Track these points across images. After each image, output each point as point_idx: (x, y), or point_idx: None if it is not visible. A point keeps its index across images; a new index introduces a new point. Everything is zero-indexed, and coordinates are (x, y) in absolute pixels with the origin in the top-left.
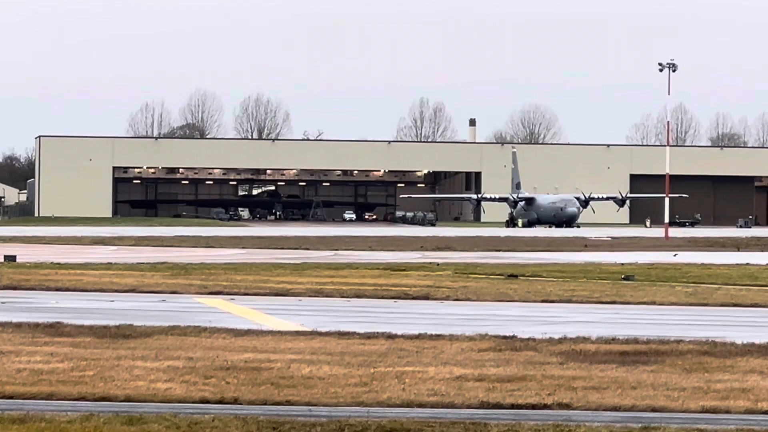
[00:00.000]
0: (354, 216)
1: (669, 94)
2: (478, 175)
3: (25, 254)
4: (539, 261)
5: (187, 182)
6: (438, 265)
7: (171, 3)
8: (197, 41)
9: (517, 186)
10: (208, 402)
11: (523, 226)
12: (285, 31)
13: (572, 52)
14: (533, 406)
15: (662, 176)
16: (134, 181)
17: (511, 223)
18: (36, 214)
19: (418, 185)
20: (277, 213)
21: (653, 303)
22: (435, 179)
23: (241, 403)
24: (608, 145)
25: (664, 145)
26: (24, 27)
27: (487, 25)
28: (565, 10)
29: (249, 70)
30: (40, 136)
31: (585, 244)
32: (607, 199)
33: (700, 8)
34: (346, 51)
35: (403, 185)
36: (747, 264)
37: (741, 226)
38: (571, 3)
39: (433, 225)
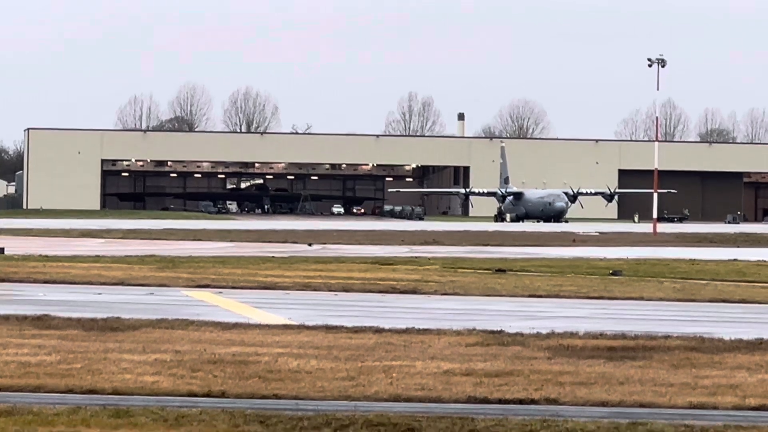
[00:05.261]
0: (342, 210)
1: (658, 89)
2: (466, 169)
3: (13, 246)
4: (527, 256)
5: (175, 175)
6: (429, 260)
7: None
8: (186, 34)
9: (506, 181)
10: (195, 395)
11: (512, 220)
12: (273, 25)
13: (561, 47)
14: (520, 401)
15: (651, 172)
16: (123, 174)
17: (500, 217)
18: (24, 207)
19: (407, 179)
20: (266, 206)
21: (641, 298)
22: (423, 173)
23: (228, 397)
24: (597, 141)
25: (653, 141)
26: (12, 20)
27: (476, 20)
28: (554, 4)
29: (238, 63)
30: (28, 129)
31: (573, 239)
32: (596, 194)
33: (689, 4)
34: (334, 45)
35: (391, 179)
36: (735, 260)
37: (729, 222)
38: None
39: (422, 219)
